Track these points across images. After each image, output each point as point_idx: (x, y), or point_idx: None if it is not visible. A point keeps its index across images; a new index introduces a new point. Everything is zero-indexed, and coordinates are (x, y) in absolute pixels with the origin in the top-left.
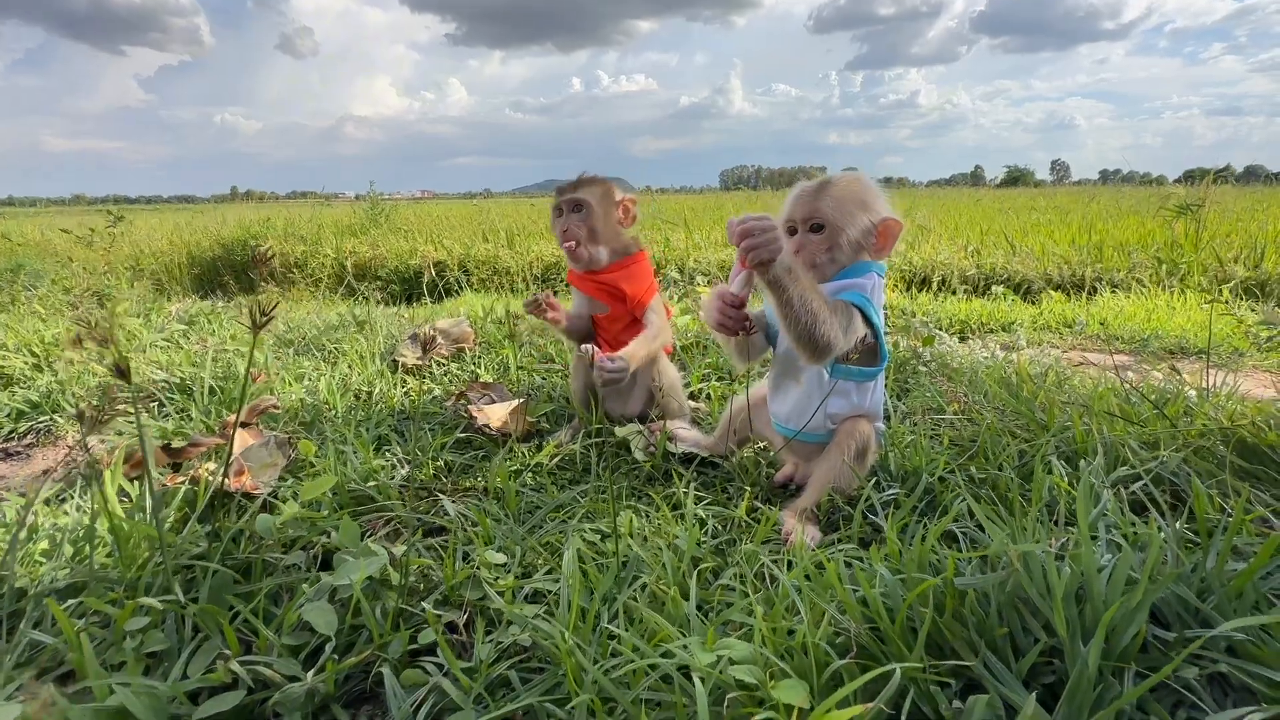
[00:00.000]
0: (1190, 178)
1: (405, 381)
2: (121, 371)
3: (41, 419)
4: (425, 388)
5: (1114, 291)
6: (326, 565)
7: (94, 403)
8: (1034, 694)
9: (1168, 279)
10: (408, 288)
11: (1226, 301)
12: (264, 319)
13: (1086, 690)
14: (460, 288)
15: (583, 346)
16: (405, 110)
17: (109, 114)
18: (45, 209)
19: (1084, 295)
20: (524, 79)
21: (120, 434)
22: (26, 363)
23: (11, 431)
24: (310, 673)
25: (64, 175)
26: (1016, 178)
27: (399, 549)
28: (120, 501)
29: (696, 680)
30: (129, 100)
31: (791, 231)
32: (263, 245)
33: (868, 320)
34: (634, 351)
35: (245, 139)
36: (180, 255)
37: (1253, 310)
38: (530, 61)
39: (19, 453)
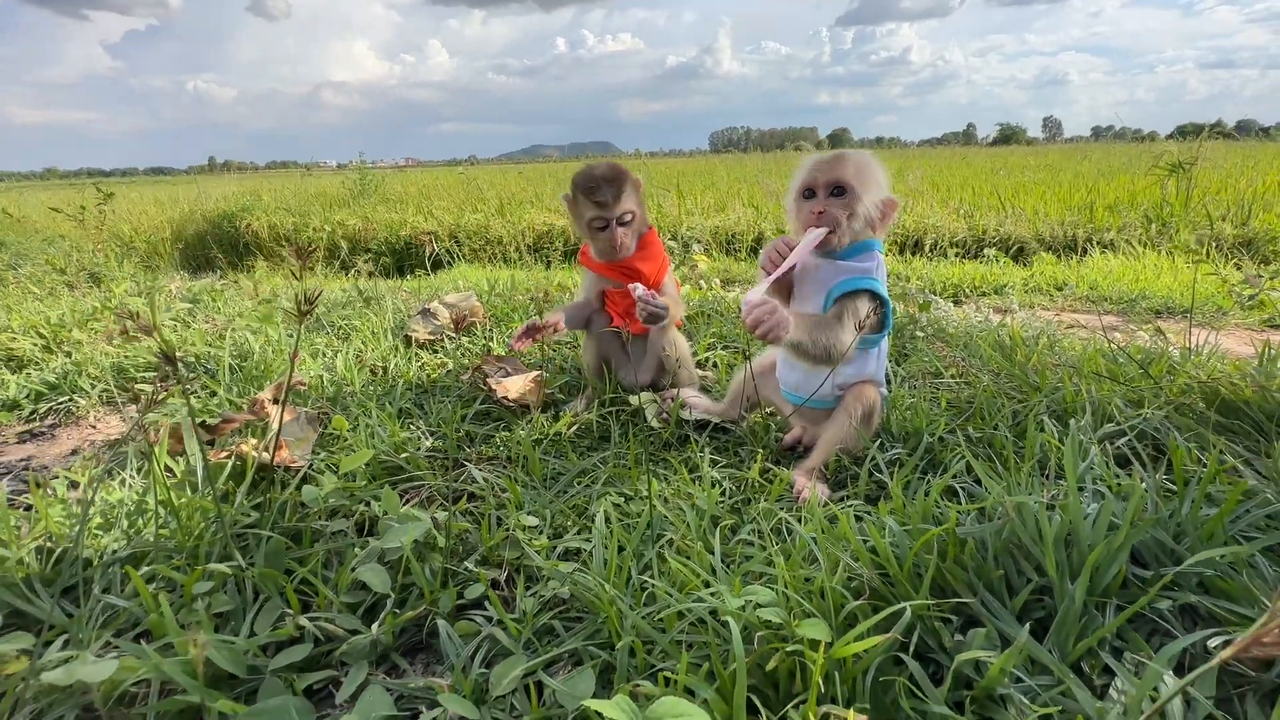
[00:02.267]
0: (1183, 133)
1: (420, 356)
2: (169, 359)
3: (61, 399)
4: (440, 362)
5: (1104, 252)
6: (367, 532)
7: (141, 383)
8: (1026, 626)
9: (1157, 238)
10: (398, 259)
11: (1212, 260)
12: (308, 307)
13: (1073, 622)
14: (452, 258)
15: (631, 285)
16: (385, 75)
17: (77, 83)
18: (16, 183)
19: (1075, 256)
20: (507, 40)
21: (153, 413)
22: (35, 344)
23: (33, 412)
24: (375, 625)
25: (34, 148)
26: (1009, 136)
27: (438, 515)
28: (166, 477)
29: (730, 621)
30: (97, 68)
31: (807, 195)
32: (305, 239)
33: (876, 297)
34: (673, 304)
35: (220, 107)
36: (164, 231)
37: (1238, 268)
38: (512, 21)
39: (43, 433)
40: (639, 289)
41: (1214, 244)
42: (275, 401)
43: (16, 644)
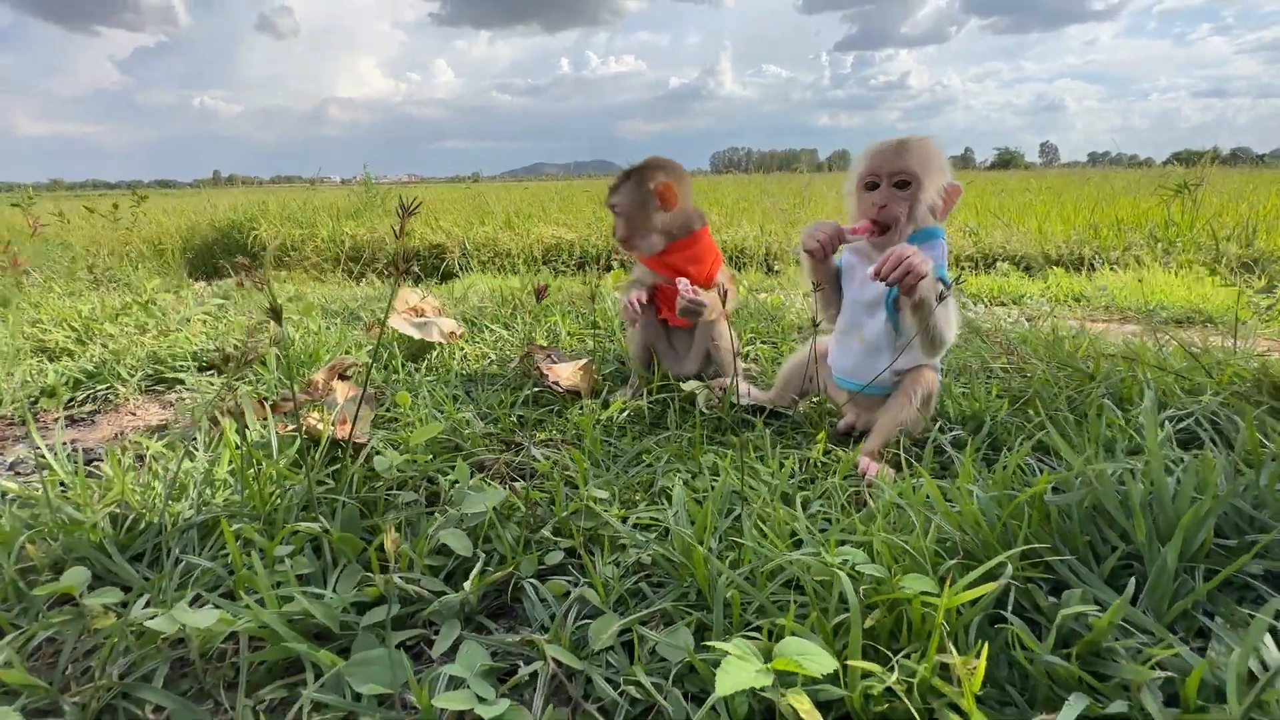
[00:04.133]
0: (1179, 159)
1: (462, 348)
2: (275, 313)
3: (100, 387)
4: (481, 353)
5: (1113, 269)
6: (431, 505)
7: (233, 349)
8: (1130, 587)
9: (1164, 257)
10: (405, 269)
11: (1231, 270)
12: (405, 264)
13: (1167, 584)
14: (462, 270)
15: (678, 280)
16: (391, 92)
17: (85, 97)
18: (22, 194)
19: (1083, 273)
20: (511, 60)
21: (212, 392)
22: (67, 336)
23: (71, 399)
24: (466, 583)
25: (40, 159)
26: (1007, 160)
27: (516, 485)
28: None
29: (840, 573)
30: (105, 82)
31: (869, 187)
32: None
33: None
34: (715, 301)
35: (226, 122)
36: (174, 241)
37: (1248, 285)
38: (517, 42)
39: (84, 419)
40: (684, 283)
41: (1222, 263)
42: (343, 378)
43: (104, 598)
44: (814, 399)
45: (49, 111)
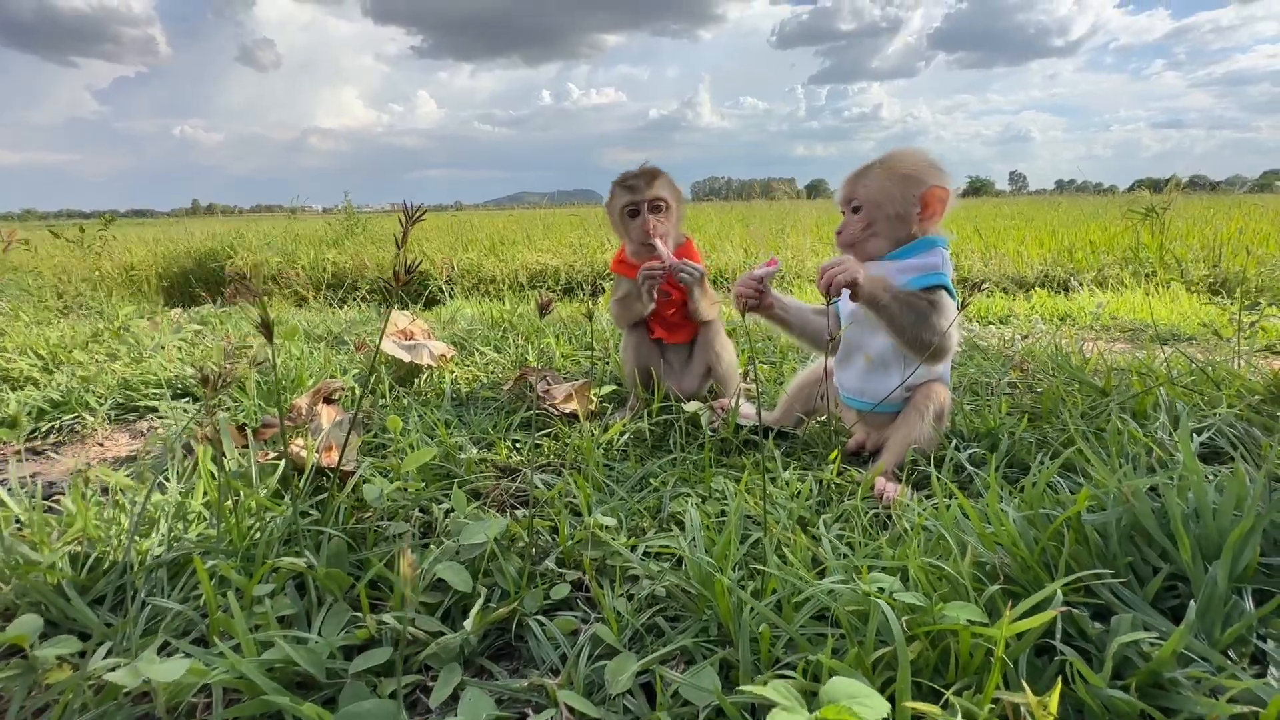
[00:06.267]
0: (1141, 186)
1: (452, 371)
2: (267, 326)
3: (67, 417)
4: (473, 375)
5: (1089, 290)
6: (425, 537)
7: (212, 370)
8: (1187, 623)
9: (1136, 277)
10: (382, 299)
11: (1199, 291)
12: (407, 276)
13: (1218, 607)
14: (445, 296)
15: (658, 247)
16: (373, 122)
17: (60, 126)
18: None
19: (1062, 294)
20: (493, 92)
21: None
22: (33, 364)
23: (34, 430)
24: (467, 622)
25: (12, 189)
26: (978, 188)
27: (518, 514)
28: (211, 479)
29: (882, 604)
30: (82, 112)
31: (842, 211)
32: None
33: (949, 293)
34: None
35: (205, 151)
36: (150, 269)
37: (1210, 303)
38: (499, 74)
39: (48, 450)
40: (662, 250)
41: (1188, 283)
42: (328, 401)
43: (59, 649)
44: (820, 419)
45: (23, 141)
